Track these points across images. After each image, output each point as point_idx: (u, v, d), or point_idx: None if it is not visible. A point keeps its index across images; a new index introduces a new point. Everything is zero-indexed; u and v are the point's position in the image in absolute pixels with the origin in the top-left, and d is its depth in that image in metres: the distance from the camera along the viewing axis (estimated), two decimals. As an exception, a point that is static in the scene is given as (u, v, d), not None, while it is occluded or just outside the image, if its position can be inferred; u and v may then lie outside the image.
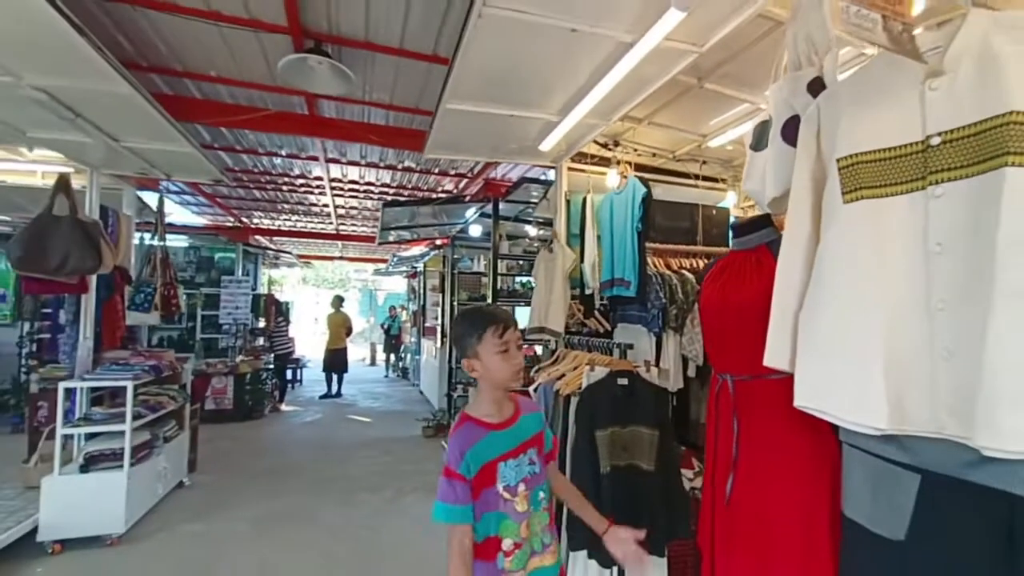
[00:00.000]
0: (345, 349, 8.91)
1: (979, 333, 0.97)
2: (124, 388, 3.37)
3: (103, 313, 3.89)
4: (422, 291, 9.98)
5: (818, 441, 1.35)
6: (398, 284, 17.69)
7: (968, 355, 0.99)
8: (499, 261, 4.94)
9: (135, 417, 3.40)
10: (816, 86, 1.36)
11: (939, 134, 1.07)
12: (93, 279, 3.68)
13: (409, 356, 11.53)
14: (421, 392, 9.45)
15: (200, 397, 6.42)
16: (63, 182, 3.37)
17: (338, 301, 9.16)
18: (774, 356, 1.27)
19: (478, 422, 1.28)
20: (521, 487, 1.26)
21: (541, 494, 1.31)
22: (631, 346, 2.47)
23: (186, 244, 8.44)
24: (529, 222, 5.44)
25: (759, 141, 1.54)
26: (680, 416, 2.97)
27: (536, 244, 5.35)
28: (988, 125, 0.99)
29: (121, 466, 3.31)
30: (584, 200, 2.93)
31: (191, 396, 4.54)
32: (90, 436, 3.43)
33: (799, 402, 1.21)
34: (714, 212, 3.59)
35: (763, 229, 1.52)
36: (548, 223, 5.29)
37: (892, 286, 1.12)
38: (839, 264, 1.19)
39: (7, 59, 2.23)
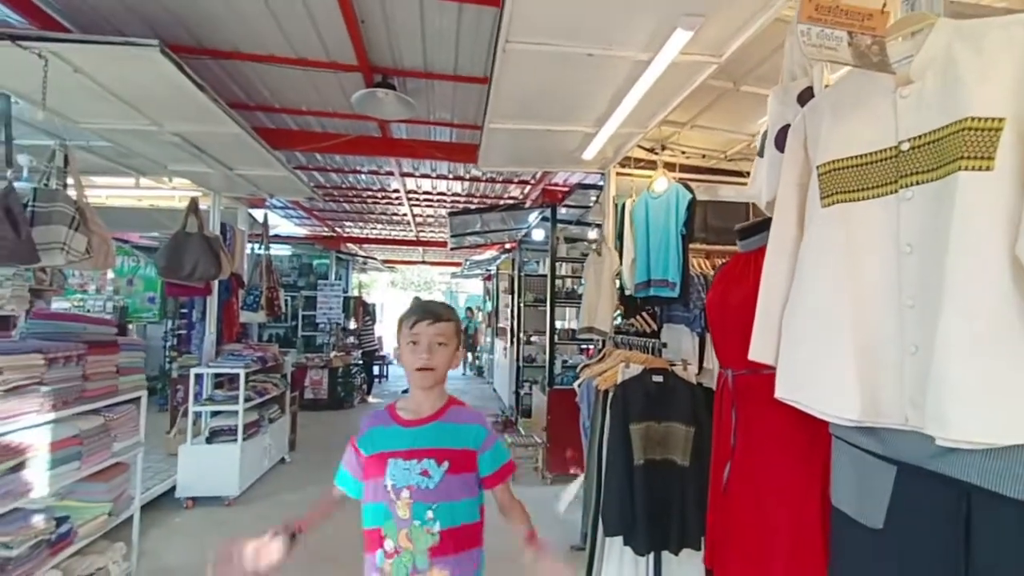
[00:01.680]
0: None
1: (934, 329, 1.03)
2: (238, 375, 4.05)
3: (223, 312, 4.67)
4: (495, 293, 10.38)
5: (810, 434, 1.41)
6: (477, 286, 18.39)
7: (928, 350, 1.05)
8: (559, 264, 5.13)
9: (246, 400, 4.06)
10: (806, 96, 1.43)
11: (908, 140, 1.13)
12: (216, 283, 4.44)
13: (484, 355, 12.02)
14: (494, 390, 9.85)
15: (300, 387, 7.28)
16: (193, 205, 4.11)
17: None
18: (758, 351, 1.36)
19: (392, 412, 1.30)
20: (404, 493, 1.19)
21: (430, 513, 1.19)
22: (665, 345, 2.56)
23: (289, 252, 9.57)
24: (589, 225, 5.57)
25: (761, 148, 1.62)
26: (727, 416, 2.98)
27: (593, 247, 5.47)
28: (948, 131, 1.05)
29: (236, 440, 3.97)
30: (624, 205, 3.05)
31: (292, 385, 5.25)
32: (214, 414, 4.15)
33: (779, 393, 1.30)
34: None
35: (765, 231, 1.59)
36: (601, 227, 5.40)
37: (866, 285, 1.19)
38: (817, 264, 1.27)
39: (153, 113, 2.86)
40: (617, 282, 3.32)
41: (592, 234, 5.59)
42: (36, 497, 2.20)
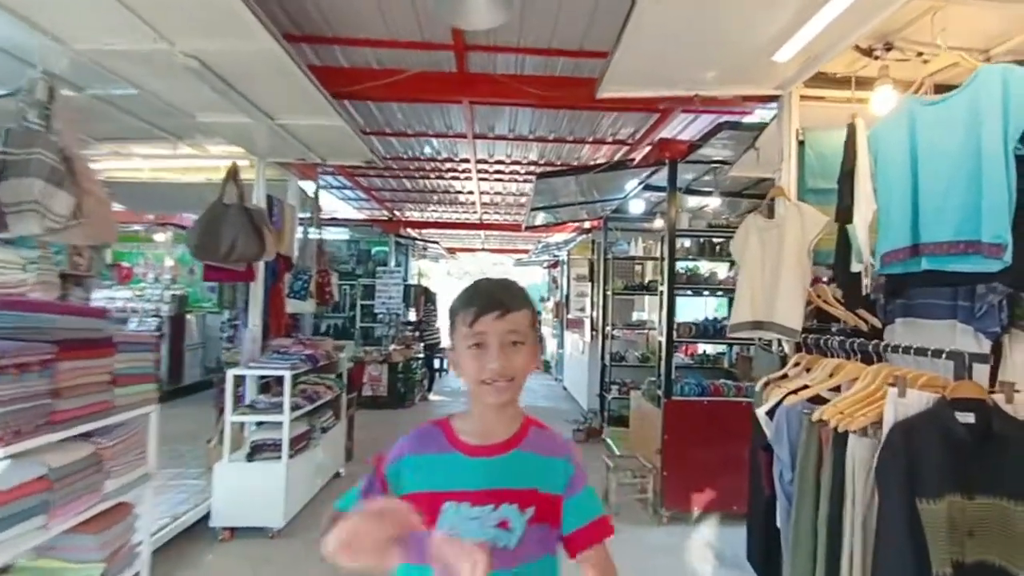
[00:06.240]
0: None
1: None
2: (283, 377, 3.28)
3: (270, 301, 3.94)
4: (565, 281, 9.39)
5: None
6: (534, 276, 17.45)
7: None
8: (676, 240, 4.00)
9: (293, 408, 3.29)
10: None
11: None
12: (260, 267, 3.70)
13: (549, 350, 11.12)
14: (565, 388, 8.93)
15: (358, 384, 6.61)
16: (232, 171, 3.38)
17: None
18: None
19: (448, 431, 0.94)
20: None
21: None
22: (987, 357, 1.44)
23: (347, 237, 8.97)
24: (708, 193, 4.40)
25: None
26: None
27: (725, 217, 4.29)
28: None
29: (280, 457, 3.21)
30: (852, 127, 1.93)
31: (349, 384, 4.50)
32: (258, 424, 3.42)
33: None
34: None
35: None
36: (739, 193, 4.18)
37: None
38: None
39: (158, 20, 2.05)
40: (813, 255, 2.22)
41: (713, 201, 4.41)
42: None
